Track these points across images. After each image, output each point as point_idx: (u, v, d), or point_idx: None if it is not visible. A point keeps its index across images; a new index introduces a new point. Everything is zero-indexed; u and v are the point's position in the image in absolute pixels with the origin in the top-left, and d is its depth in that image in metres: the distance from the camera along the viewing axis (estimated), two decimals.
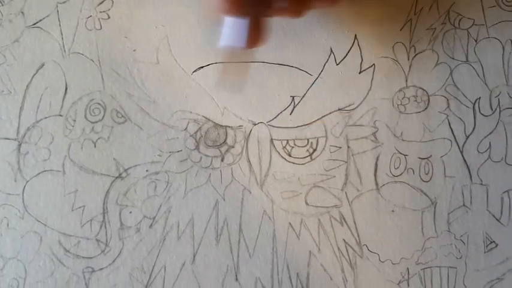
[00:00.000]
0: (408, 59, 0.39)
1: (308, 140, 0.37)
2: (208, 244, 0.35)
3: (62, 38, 0.38)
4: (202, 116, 0.37)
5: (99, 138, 0.36)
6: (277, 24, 0.39)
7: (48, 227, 0.35)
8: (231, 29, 0.32)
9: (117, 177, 0.36)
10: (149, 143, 0.36)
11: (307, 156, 0.37)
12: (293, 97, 0.38)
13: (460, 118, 0.38)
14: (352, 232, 0.36)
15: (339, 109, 0.38)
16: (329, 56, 0.38)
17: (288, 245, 0.36)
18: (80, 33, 0.38)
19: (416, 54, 0.39)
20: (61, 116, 0.36)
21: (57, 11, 0.38)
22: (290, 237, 0.36)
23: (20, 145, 0.36)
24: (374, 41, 0.39)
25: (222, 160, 0.37)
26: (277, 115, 0.37)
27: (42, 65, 0.37)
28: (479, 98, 0.38)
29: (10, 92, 0.37)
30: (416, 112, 0.38)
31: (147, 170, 0.36)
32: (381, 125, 0.38)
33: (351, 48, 0.39)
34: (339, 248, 0.36)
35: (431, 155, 0.37)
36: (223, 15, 0.30)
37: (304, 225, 0.36)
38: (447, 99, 0.38)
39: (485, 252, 0.36)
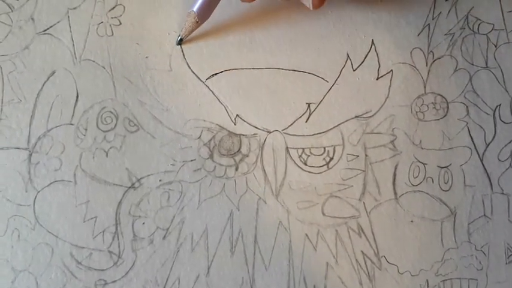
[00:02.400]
0: (426, 65, 0.38)
1: (325, 148, 0.36)
2: (223, 256, 0.35)
3: (73, 45, 0.37)
4: (216, 124, 0.36)
5: (111, 148, 0.35)
6: (292, 29, 0.38)
7: (60, 238, 0.34)
8: None
9: (129, 188, 0.35)
10: (162, 152, 0.36)
11: (323, 165, 0.36)
12: (309, 104, 0.37)
13: (480, 125, 0.37)
14: (371, 243, 0.35)
15: (356, 116, 0.37)
16: (346, 62, 0.38)
17: (305, 256, 0.35)
18: (91, 39, 0.37)
19: (434, 60, 0.38)
20: (72, 124, 0.36)
21: (68, 17, 0.37)
22: (307, 248, 0.35)
23: (30, 155, 0.35)
24: (391, 47, 0.38)
25: (237, 169, 0.36)
26: (293, 123, 0.37)
27: (53, 72, 0.36)
28: (500, 104, 0.38)
29: (20, 100, 0.36)
30: (435, 119, 0.37)
31: (160, 180, 0.35)
32: (399, 133, 0.37)
33: (368, 53, 0.38)
34: (356, 260, 0.35)
35: (450, 164, 0.37)
36: None
37: (321, 237, 0.35)
38: (467, 106, 0.37)
39: (506, 263, 0.35)
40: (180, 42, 0.37)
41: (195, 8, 0.35)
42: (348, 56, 0.38)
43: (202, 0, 0.35)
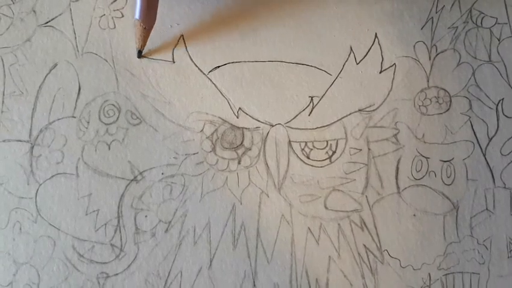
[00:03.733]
0: (429, 59, 0.38)
1: (327, 141, 0.36)
2: (225, 249, 0.35)
3: (75, 38, 0.37)
4: (219, 117, 0.36)
5: (113, 140, 0.35)
6: (295, 22, 0.38)
7: (62, 231, 0.34)
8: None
9: (132, 180, 0.35)
10: (165, 145, 0.35)
11: (326, 159, 0.36)
12: (312, 97, 0.37)
13: (482, 120, 0.37)
14: (373, 237, 0.35)
15: (359, 110, 0.37)
16: (349, 55, 0.38)
17: (307, 250, 0.35)
18: (94, 32, 0.37)
19: (437, 54, 0.38)
20: (74, 117, 0.36)
21: (70, 10, 0.37)
22: (309, 242, 0.35)
23: (32, 147, 0.35)
24: (395, 40, 0.38)
25: (239, 163, 0.36)
26: (296, 116, 0.37)
27: (55, 65, 0.36)
28: (503, 98, 0.38)
29: (22, 92, 0.36)
30: (438, 113, 0.37)
31: (162, 173, 0.35)
32: (402, 127, 0.37)
33: (371, 47, 0.38)
34: (359, 254, 0.35)
35: (453, 158, 0.37)
36: None
37: (324, 230, 0.35)
38: (469, 100, 0.37)
39: (508, 257, 0.35)
40: (140, 54, 0.36)
41: (137, 15, 0.34)
42: (351, 49, 0.38)
43: (140, 6, 0.34)
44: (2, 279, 0.33)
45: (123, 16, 0.37)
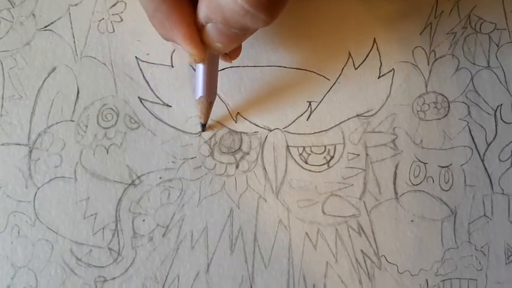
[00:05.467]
0: (428, 64, 0.38)
1: (325, 147, 0.36)
2: (222, 254, 0.35)
3: (74, 42, 0.37)
4: (217, 121, 0.36)
5: (111, 145, 0.35)
6: (294, 27, 0.38)
7: (60, 235, 0.34)
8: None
9: (130, 185, 0.35)
10: (163, 149, 0.35)
11: (324, 164, 0.36)
12: (310, 102, 0.37)
13: (481, 125, 0.37)
14: (370, 242, 0.35)
15: (358, 115, 0.37)
16: (347, 60, 0.38)
17: (305, 255, 0.35)
18: (92, 36, 0.37)
19: (436, 59, 0.38)
20: (73, 121, 0.36)
21: (69, 14, 0.37)
22: (306, 247, 0.35)
23: (31, 151, 0.35)
24: (393, 45, 0.38)
25: (237, 167, 0.36)
26: (294, 121, 0.37)
27: (54, 68, 0.36)
28: (501, 104, 0.38)
29: (21, 96, 0.36)
30: (437, 119, 0.37)
31: (160, 177, 0.35)
32: (400, 132, 0.37)
33: (369, 52, 0.38)
34: (356, 259, 0.35)
35: (451, 163, 0.37)
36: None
37: (321, 235, 0.35)
38: (468, 106, 0.37)
39: (506, 263, 0.35)
40: (204, 127, 0.35)
41: (202, 92, 0.33)
42: (350, 54, 0.38)
43: (205, 82, 0.33)
44: (0, 283, 0.34)
45: (122, 20, 0.37)
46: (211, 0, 0.27)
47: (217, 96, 0.36)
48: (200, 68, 0.33)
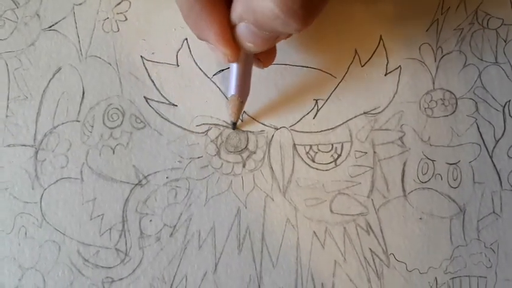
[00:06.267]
0: (435, 61, 0.38)
1: (332, 145, 0.36)
2: (230, 253, 0.34)
3: (79, 41, 0.37)
4: (223, 120, 0.36)
5: (117, 145, 0.35)
6: None
7: (67, 236, 0.34)
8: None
9: (136, 185, 0.35)
10: (169, 149, 0.35)
11: (331, 162, 0.36)
12: (316, 100, 0.37)
13: (489, 122, 0.37)
14: (379, 241, 0.35)
15: (365, 113, 0.37)
16: (354, 58, 0.37)
17: (313, 254, 0.35)
18: (97, 35, 0.37)
19: (443, 56, 0.38)
20: (78, 121, 0.35)
21: (74, 13, 0.37)
22: (314, 246, 0.35)
23: (37, 152, 0.35)
24: (400, 42, 0.38)
25: (244, 166, 0.35)
26: (300, 119, 0.36)
27: (59, 69, 0.36)
28: (509, 100, 0.37)
29: (26, 97, 0.36)
30: (444, 116, 0.37)
31: (167, 177, 0.35)
32: (407, 129, 0.36)
33: (376, 49, 0.37)
34: (365, 257, 0.35)
35: (459, 160, 0.36)
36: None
37: (329, 234, 0.35)
38: (476, 102, 0.37)
39: None
40: (235, 126, 0.35)
41: (234, 91, 0.33)
42: (356, 51, 0.37)
43: (237, 80, 0.33)
44: (7, 284, 0.33)
45: (126, 19, 0.37)
46: (245, 1, 0.27)
47: (223, 95, 0.36)
48: (234, 67, 0.33)
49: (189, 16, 0.29)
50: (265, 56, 0.33)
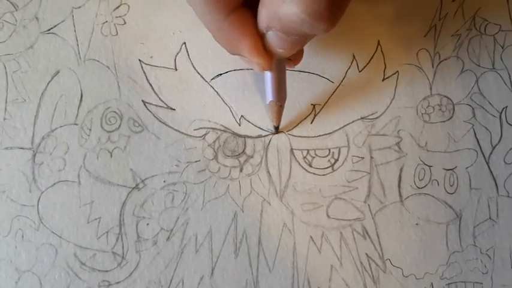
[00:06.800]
0: (432, 66, 0.38)
1: (329, 150, 0.36)
2: (227, 257, 0.34)
3: (77, 44, 0.37)
4: (221, 125, 0.36)
5: (115, 148, 0.35)
6: None
7: (64, 239, 0.34)
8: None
9: (133, 188, 0.35)
10: (167, 152, 0.35)
11: (328, 167, 0.36)
12: (314, 105, 0.37)
13: (486, 128, 0.37)
14: (375, 246, 0.35)
15: (362, 118, 0.37)
16: (351, 63, 0.37)
17: (309, 259, 0.35)
18: (96, 39, 0.37)
19: (440, 62, 0.38)
20: (76, 124, 0.36)
21: (72, 16, 0.37)
22: (311, 251, 0.35)
23: (34, 155, 0.35)
24: (397, 48, 0.38)
25: (241, 171, 0.36)
26: (298, 124, 0.36)
27: (57, 72, 0.36)
28: (506, 106, 0.37)
29: (24, 100, 0.36)
30: (441, 121, 0.37)
31: (164, 181, 0.35)
32: (404, 135, 0.36)
33: (373, 54, 0.38)
34: (361, 263, 0.35)
35: (456, 166, 0.36)
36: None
37: (326, 239, 0.35)
38: (473, 108, 0.37)
39: None
40: (277, 130, 0.36)
41: (272, 97, 0.33)
42: (354, 56, 0.37)
43: (274, 86, 0.33)
44: (4, 287, 0.33)
45: (125, 23, 0.37)
46: (269, 10, 0.27)
47: (221, 99, 0.36)
48: (268, 74, 0.33)
49: (219, 35, 0.30)
50: (295, 55, 0.33)
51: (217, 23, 0.29)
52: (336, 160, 0.36)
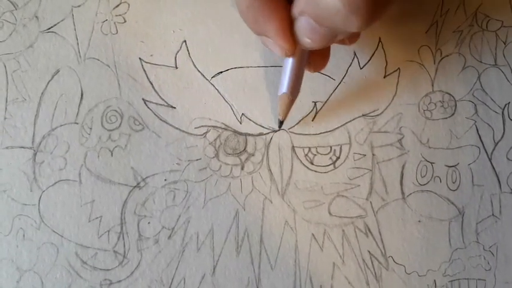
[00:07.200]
0: (434, 63, 0.37)
1: (331, 147, 0.36)
2: (228, 255, 0.34)
3: (78, 43, 0.37)
4: (222, 123, 0.36)
5: (116, 147, 0.35)
6: None
7: (65, 238, 0.34)
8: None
9: (135, 187, 0.35)
10: (167, 151, 0.35)
11: (330, 165, 0.36)
12: (315, 103, 0.37)
13: (488, 124, 0.37)
14: (378, 243, 0.35)
15: (363, 115, 0.36)
16: (352, 60, 0.37)
17: (311, 256, 0.35)
18: (96, 37, 0.37)
19: (442, 58, 0.38)
20: (77, 123, 0.35)
21: (72, 15, 0.37)
22: (313, 248, 0.35)
23: (35, 154, 0.35)
24: (399, 44, 0.38)
25: (242, 169, 0.35)
26: (299, 121, 0.36)
27: (57, 71, 0.36)
28: (509, 103, 0.37)
29: (25, 99, 0.36)
30: (443, 118, 0.37)
31: (165, 179, 0.35)
32: (406, 132, 0.36)
33: (375, 51, 0.37)
34: (363, 260, 0.35)
35: (458, 163, 0.36)
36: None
37: (328, 236, 0.35)
38: (475, 105, 0.37)
39: None
40: (281, 124, 0.35)
41: (286, 89, 0.32)
42: (355, 53, 0.37)
43: (290, 78, 0.32)
44: (5, 286, 0.33)
45: (125, 21, 0.37)
46: None
47: (222, 97, 0.36)
48: (288, 63, 0.32)
49: (248, 13, 0.29)
50: (318, 59, 0.33)
51: (248, 0, 0.29)
52: (338, 157, 0.36)
